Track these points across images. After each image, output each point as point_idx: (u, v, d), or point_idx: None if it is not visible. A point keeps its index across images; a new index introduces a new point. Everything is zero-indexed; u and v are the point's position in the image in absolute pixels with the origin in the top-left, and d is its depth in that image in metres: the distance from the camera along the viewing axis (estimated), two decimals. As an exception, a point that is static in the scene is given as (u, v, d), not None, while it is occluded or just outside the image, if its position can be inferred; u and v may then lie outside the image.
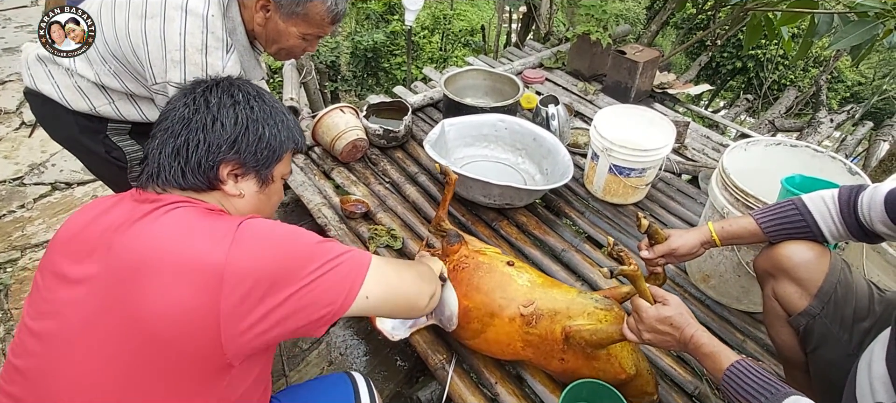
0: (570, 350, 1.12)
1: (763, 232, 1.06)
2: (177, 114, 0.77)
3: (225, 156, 0.78)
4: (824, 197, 1.01)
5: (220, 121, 0.77)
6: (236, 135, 0.78)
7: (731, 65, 5.27)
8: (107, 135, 1.22)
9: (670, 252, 1.14)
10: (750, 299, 1.50)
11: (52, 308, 0.70)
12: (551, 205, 1.98)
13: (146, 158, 0.78)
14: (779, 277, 1.03)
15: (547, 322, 1.13)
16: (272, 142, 0.82)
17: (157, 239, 0.69)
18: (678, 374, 1.35)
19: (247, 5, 1.12)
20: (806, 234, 1.02)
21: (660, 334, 0.94)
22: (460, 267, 1.27)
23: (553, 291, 1.20)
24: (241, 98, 0.80)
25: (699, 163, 2.20)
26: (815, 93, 3.47)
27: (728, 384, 0.82)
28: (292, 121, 0.87)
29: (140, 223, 0.71)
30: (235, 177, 0.81)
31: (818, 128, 2.88)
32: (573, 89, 2.79)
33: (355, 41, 3.82)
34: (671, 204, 2.00)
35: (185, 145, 0.76)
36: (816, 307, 0.97)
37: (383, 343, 1.70)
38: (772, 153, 1.51)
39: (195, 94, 0.79)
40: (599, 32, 2.66)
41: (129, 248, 0.68)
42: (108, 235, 0.71)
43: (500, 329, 1.17)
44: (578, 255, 1.69)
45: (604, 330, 1.06)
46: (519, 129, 2.05)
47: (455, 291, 1.23)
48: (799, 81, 5.04)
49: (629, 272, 0.98)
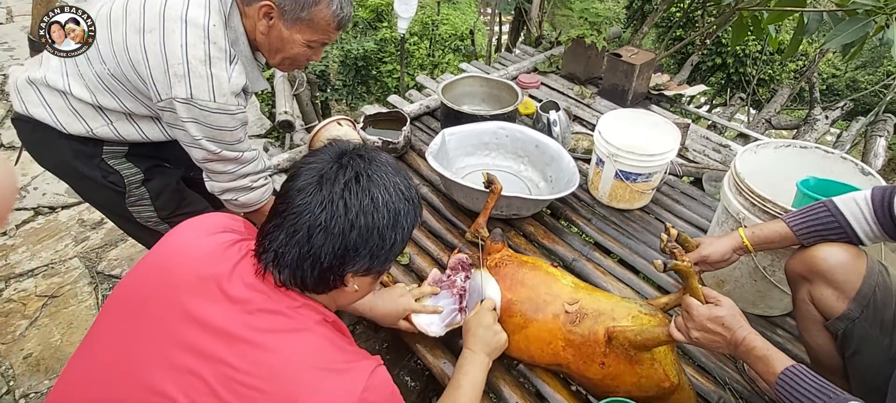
0: (612, 353, 1.09)
1: (796, 236, 1.05)
2: (311, 216, 0.71)
3: (356, 266, 0.75)
4: (856, 198, 1.00)
5: (357, 230, 0.73)
6: (372, 246, 0.75)
7: (711, 61, 5.35)
8: (103, 158, 1.16)
9: (702, 259, 1.12)
10: (766, 303, 1.48)
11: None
12: (557, 213, 1.95)
13: (266, 238, 0.73)
14: (814, 281, 1.01)
15: (590, 321, 1.11)
16: (401, 244, 0.80)
17: (285, 372, 0.67)
18: (701, 384, 1.32)
19: (248, 14, 1.07)
20: (840, 236, 1.01)
21: (710, 333, 0.92)
22: (503, 264, 1.27)
23: (597, 294, 1.20)
24: (379, 198, 0.74)
25: (701, 165, 2.19)
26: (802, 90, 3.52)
27: (783, 387, 0.80)
28: (415, 209, 0.81)
29: (267, 336, 0.68)
30: (356, 275, 0.78)
31: (814, 125, 2.91)
32: (569, 93, 2.78)
33: (345, 50, 3.76)
34: (677, 208, 1.99)
35: (318, 255, 0.72)
36: (855, 310, 0.96)
37: (391, 364, 1.65)
38: (781, 155, 1.50)
39: (333, 193, 0.72)
40: (593, 35, 2.65)
41: (252, 365, 0.66)
42: (236, 319, 0.69)
43: (542, 325, 1.15)
44: (590, 264, 1.66)
45: (649, 331, 1.04)
46: (520, 137, 2.02)
47: (498, 285, 1.20)
48: (778, 76, 5.13)
49: (682, 267, 0.97)
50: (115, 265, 1.97)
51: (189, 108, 1.02)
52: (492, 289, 1.19)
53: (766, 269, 1.39)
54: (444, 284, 1.35)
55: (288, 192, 0.74)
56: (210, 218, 0.82)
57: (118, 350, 0.69)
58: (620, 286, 1.58)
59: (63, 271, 1.94)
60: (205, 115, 1.04)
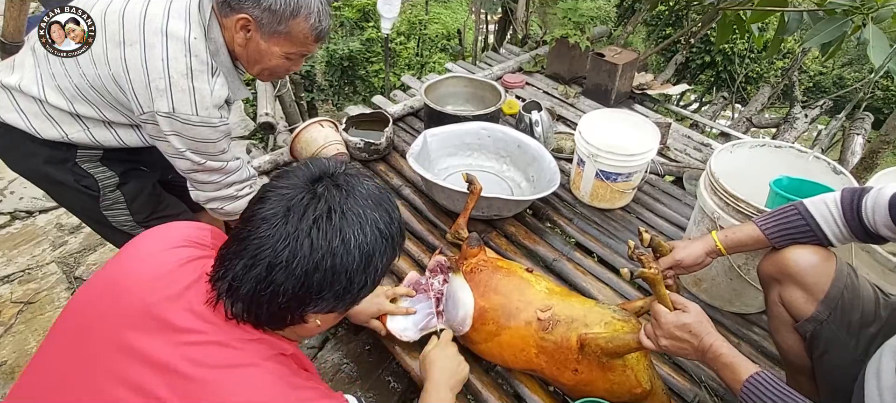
0: (585, 360, 1.09)
1: (767, 238, 1.06)
2: (272, 251, 0.64)
3: (317, 306, 0.68)
4: (827, 200, 1.01)
5: (321, 272, 0.65)
6: (337, 289, 0.67)
7: (700, 59, 5.40)
8: (76, 162, 1.14)
9: (676, 263, 1.13)
10: (742, 301, 1.50)
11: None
12: (539, 213, 1.96)
13: (223, 264, 0.67)
14: (784, 282, 1.02)
15: (563, 328, 1.11)
16: (372, 286, 0.72)
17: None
18: (677, 382, 1.33)
19: (227, 26, 1.06)
20: (810, 238, 1.02)
21: (677, 341, 0.92)
22: (478, 269, 1.26)
23: (571, 300, 1.19)
24: (351, 238, 0.66)
25: (682, 164, 2.21)
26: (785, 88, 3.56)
27: (747, 395, 0.81)
28: (395, 246, 0.73)
29: (209, 371, 0.63)
30: (318, 314, 0.71)
31: (794, 124, 2.95)
32: (554, 93, 2.78)
33: (331, 50, 3.74)
34: (658, 207, 2.00)
35: (277, 292, 0.64)
36: (823, 312, 0.97)
37: (373, 365, 1.64)
38: (757, 154, 1.52)
39: (299, 229, 0.64)
40: (577, 35, 2.66)
41: (188, 402, 0.61)
42: (176, 352, 0.64)
43: (515, 332, 1.15)
44: (570, 264, 1.66)
45: (620, 338, 1.04)
46: (502, 137, 2.02)
47: (472, 292, 1.20)
48: (766, 74, 5.19)
49: (650, 275, 0.97)
50: (93, 270, 1.94)
51: (171, 122, 1.02)
52: (466, 297, 1.19)
53: (741, 268, 1.40)
54: (422, 287, 1.35)
55: (252, 218, 0.66)
56: (172, 230, 0.78)
57: (59, 375, 0.66)
58: (600, 286, 1.59)
59: (40, 276, 1.91)
60: (187, 128, 1.04)
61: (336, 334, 1.73)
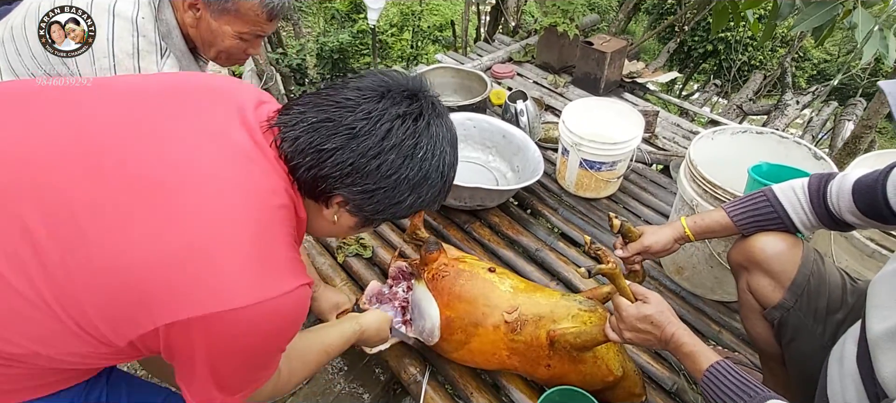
0: (556, 356, 1.09)
1: (735, 225, 1.05)
2: (351, 115, 0.63)
3: (351, 194, 0.66)
4: (795, 187, 1.00)
5: (380, 161, 0.64)
6: (381, 186, 0.66)
7: (702, 48, 5.35)
8: None
9: (644, 249, 1.12)
10: (723, 289, 1.50)
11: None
12: (524, 203, 1.95)
13: (297, 102, 0.66)
14: (752, 270, 1.02)
15: (531, 327, 1.11)
16: (405, 208, 0.70)
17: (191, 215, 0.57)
18: (656, 370, 1.33)
19: (177, 6, 1.05)
20: (778, 226, 1.01)
21: (640, 333, 0.92)
22: (440, 275, 1.22)
23: (536, 296, 1.17)
24: (421, 150, 0.66)
25: (670, 152, 2.20)
26: (781, 74, 3.53)
27: (707, 385, 0.80)
28: (441, 191, 0.73)
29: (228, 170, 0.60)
30: (341, 206, 0.68)
31: (785, 110, 2.92)
32: (543, 82, 2.77)
33: (321, 42, 3.72)
34: (644, 196, 1.99)
35: (333, 155, 0.62)
36: (790, 300, 0.96)
37: (359, 355, 1.65)
38: (739, 141, 1.51)
39: (385, 112, 0.64)
40: (566, 24, 2.64)
41: (154, 161, 0.58)
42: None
43: (484, 338, 1.14)
44: (553, 254, 1.66)
45: (588, 333, 1.04)
46: (488, 127, 2.01)
47: (436, 302, 1.18)
48: (768, 62, 5.14)
49: (608, 270, 0.96)
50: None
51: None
52: (430, 309, 1.17)
53: (721, 255, 1.40)
54: (386, 297, 1.32)
55: (345, 86, 0.66)
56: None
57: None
58: (586, 279, 1.58)
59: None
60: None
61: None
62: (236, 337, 0.58)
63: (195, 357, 0.59)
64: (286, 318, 0.63)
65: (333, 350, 0.97)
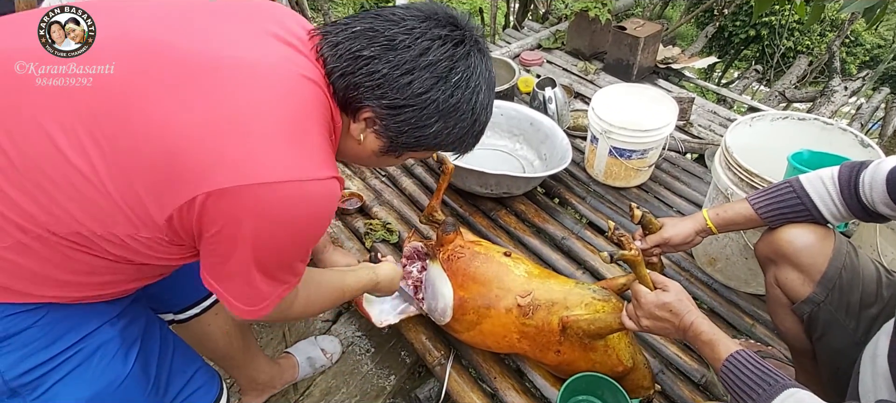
0: (567, 342, 1.09)
1: (760, 217, 1.01)
2: (393, 28, 0.64)
3: (379, 107, 0.66)
4: (823, 176, 0.95)
5: (413, 77, 0.64)
6: (410, 105, 0.65)
7: (744, 33, 5.09)
8: None
9: (664, 241, 1.10)
10: (758, 282, 1.45)
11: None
12: (551, 192, 1.94)
13: (345, 19, 0.68)
14: (780, 263, 0.98)
15: (544, 312, 1.11)
16: (430, 139, 0.70)
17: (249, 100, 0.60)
18: (684, 362, 1.31)
19: None
20: (805, 217, 0.96)
21: (658, 321, 0.91)
22: (455, 256, 1.24)
23: (550, 282, 1.17)
24: (455, 77, 0.66)
25: (705, 141, 2.12)
26: (828, 60, 3.33)
27: (726, 374, 0.79)
28: (474, 130, 0.73)
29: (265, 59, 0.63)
30: (368, 125, 0.69)
31: (831, 97, 2.76)
32: (573, 69, 2.71)
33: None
34: (677, 185, 1.94)
35: (369, 64, 0.63)
36: (820, 294, 0.92)
37: (387, 338, 1.69)
38: (779, 128, 1.44)
39: (427, 32, 0.64)
40: (598, 8, 2.57)
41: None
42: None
43: (496, 320, 1.15)
44: (579, 242, 1.65)
45: (602, 319, 1.03)
46: (515, 115, 2.00)
47: (450, 282, 1.20)
48: (815, 47, 4.85)
49: (629, 256, 0.95)
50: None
51: None
52: (444, 288, 1.18)
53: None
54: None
55: (386, 4, 0.71)
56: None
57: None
58: (610, 264, 1.57)
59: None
60: None
61: (349, 308, 1.79)
62: (275, 214, 0.60)
63: (239, 236, 0.60)
64: (320, 205, 0.64)
65: (349, 291, 1.00)
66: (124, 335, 0.74)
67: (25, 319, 0.64)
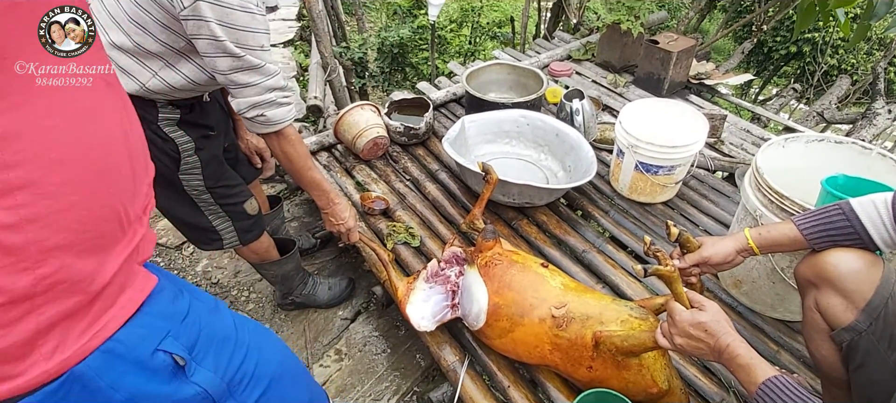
0: (600, 358, 1.08)
1: (806, 240, 0.99)
2: None
3: None
4: (876, 201, 0.92)
5: None
6: None
7: (785, 49, 4.92)
8: (158, 123, 1.24)
9: (703, 261, 1.08)
10: (785, 307, 1.40)
11: None
12: (574, 204, 1.93)
13: None
14: (822, 287, 0.95)
15: (578, 326, 1.10)
16: None
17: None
18: (704, 385, 1.28)
19: None
20: (854, 241, 0.94)
21: (693, 340, 0.90)
22: (493, 263, 1.26)
23: (586, 296, 1.17)
24: None
25: (736, 159, 2.07)
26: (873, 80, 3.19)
27: (760, 398, 0.77)
28: None
29: None
30: None
31: (874, 119, 2.64)
32: (602, 82, 2.69)
33: (382, 37, 3.84)
34: (704, 204, 1.90)
35: None
36: (863, 322, 0.89)
37: (402, 340, 1.72)
38: (813, 150, 1.40)
39: None
40: (631, 21, 2.55)
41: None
42: None
43: (529, 329, 1.15)
44: (600, 256, 1.63)
45: (636, 337, 1.02)
46: (541, 125, 2.00)
47: (486, 288, 1.21)
48: (861, 66, 4.63)
49: (665, 272, 0.94)
50: (162, 234, 2.17)
51: (212, 7, 1.06)
52: (480, 293, 1.20)
53: (785, 271, 1.31)
54: (439, 279, 1.37)
55: None
56: None
57: None
58: (630, 280, 1.55)
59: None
60: (227, 13, 1.07)
61: (368, 308, 1.83)
62: None
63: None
64: None
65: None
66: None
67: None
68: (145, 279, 0.68)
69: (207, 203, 1.37)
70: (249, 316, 1.82)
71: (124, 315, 0.64)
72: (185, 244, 2.11)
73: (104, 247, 0.62)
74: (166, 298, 0.70)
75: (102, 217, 0.61)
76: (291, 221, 2.22)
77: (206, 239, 1.41)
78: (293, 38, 4.29)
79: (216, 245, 1.41)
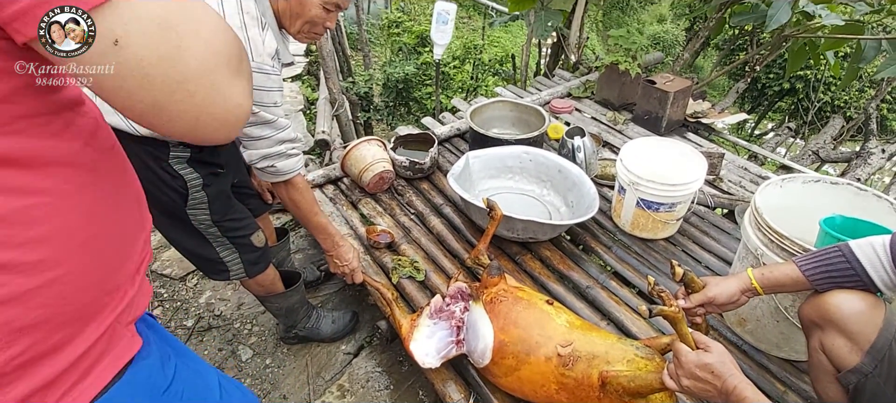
0: (607, 398, 1.08)
1: (808, 280, 1.01)
2: None
3: None
4: (874, 244, 0.95)
5: None
6: None
7: (778, 85, 5.05)
8: (169, 161, 1.28)
9: (708, 301, 1.09)
10: (790, 346, 1.41)
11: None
12: (577, 239, 1.95)
13: None
14: (826, 329, 0.97)
15: (584, 365, 1.10)
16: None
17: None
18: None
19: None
20: (855, 283, 0.96)
21: (699, 382, 0.90)
22: (498, 300, 1.26)
23: (592, 334, 1.17)
24: None
25: (735, 197, 2.11)
26: (865, 120, 3.28)
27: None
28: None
29: None
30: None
31: (868, 159, 2.70)
32: (602, 119, 2.76)
33: (387, 73, 3.95)
34: (705, 240, 1.92)
35: None
36: (868, 365, 0.90)
37: (405, 376, 1.70)
38: (811, 190, 1.44)
39: None
40: (628, 62, 2.64)
41: None
42: None
43: (535, 367, 1.15)
44: (604, 292, 1.64)
45: (642, 377, 1.02)
46: (544, 161, 2.05)
47: (491, 325, 1.22)
48: (854, 103, 4.75)
49: (670, 313, 0.95)
50: (166, 265, 2.18)
51: None
52: (485, 330, 1.20)
53: (788, 310, 1.32)
54: (444, 314, 1.37)
55: None
56: None
57: None
58: (634, 317, 1.56)
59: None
60: None
61: (371, 343, 1.82)
62: None
63: None
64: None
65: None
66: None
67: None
68: (129, 343, 0.63)
69: (215, 236, 1.40)
70: (252, 349, 1.81)
71: (99, 385, 0.58)
72: (189, 275, 2.12)
73: (85, 318, 0.57)
74: (149, 366, 0.65)
75: (83, 288, 0.55)
76: (296, 253, 2.23)
77: (213, 269, 1.42)
78: (301, 72, 4.41)
79: (223, 276, 1.42)
